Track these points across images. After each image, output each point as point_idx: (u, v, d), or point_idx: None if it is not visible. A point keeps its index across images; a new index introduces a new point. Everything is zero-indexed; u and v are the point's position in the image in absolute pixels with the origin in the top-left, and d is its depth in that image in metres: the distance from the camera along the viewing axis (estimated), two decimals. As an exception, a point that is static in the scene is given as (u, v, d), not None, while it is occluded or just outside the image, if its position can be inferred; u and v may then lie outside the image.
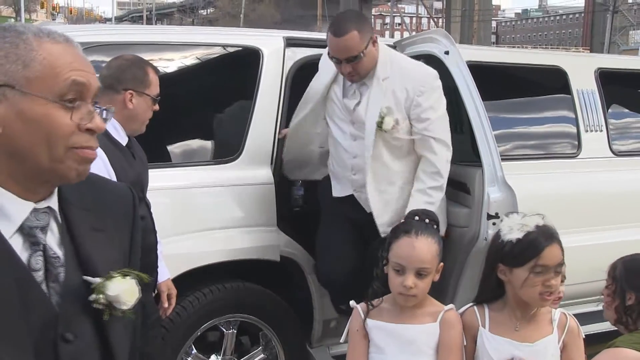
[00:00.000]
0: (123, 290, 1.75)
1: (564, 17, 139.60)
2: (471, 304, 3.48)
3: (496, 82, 6.00)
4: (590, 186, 5.94)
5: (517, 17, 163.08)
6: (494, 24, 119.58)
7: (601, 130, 6.18)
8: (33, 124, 1.62)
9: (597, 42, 62.47)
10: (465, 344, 3.36)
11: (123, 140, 3.91)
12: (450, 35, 5.24)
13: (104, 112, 1.76)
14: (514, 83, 6.25)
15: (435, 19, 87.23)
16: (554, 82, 6.24)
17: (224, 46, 5.26)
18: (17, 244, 1.64)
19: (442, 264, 3.40)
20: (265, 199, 5.02)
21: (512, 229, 3.32)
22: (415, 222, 3.38)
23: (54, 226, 1.73)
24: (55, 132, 1.64)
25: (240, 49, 5.24)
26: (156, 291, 4.17)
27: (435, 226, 3.41)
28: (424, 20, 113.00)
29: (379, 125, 4.63)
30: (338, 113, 4.94)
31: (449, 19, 73.14)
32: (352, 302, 3.50)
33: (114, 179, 3.68)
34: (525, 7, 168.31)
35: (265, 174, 5.02)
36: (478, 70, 5.22)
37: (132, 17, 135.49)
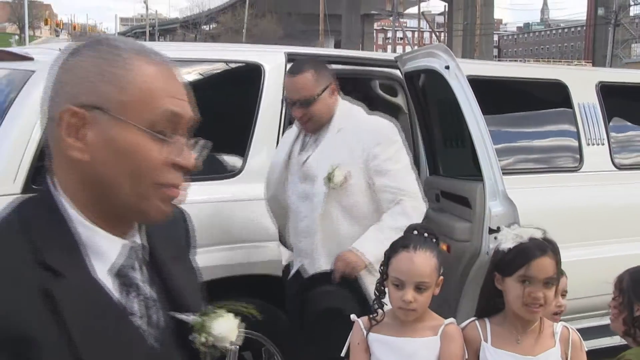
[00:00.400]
0: (227, 328, 1.62)
1: (566, 30, 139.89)
2: (473, 318, 3.48)
3: (497, 96, 6.01)
4: (593, 200, 5.94)
5: (519, 30, 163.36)
6: (495, 37, 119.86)
7: (603, 144, 6.18)
8: (121, 153, 1.46)
9: (599, 55, 62.65)
10: (466, 357, 3.36)
11: None
12: (452, 50, 5.26)
13: (198, 146, 1.58)
14: (515, 97, 6.26)
15: (437, 33, 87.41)
16: (555, 96, 6.25)
17: (226, 62, 5.27)
18: (109, 285, 1.48)
19: (442, 277, 3.39)
20: (268, 214, 5.02)
21: (507, 239, 3.34)
22: (414, 236, 3.38)
23: (138, 263, 1.57)
24: (143, 165, 1.47)
25: (242, 64, 5.26)
26: None
27: (434, 240, 3.41)
28: (426, 35, 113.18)
29: (328, 179, 4.20)
30: (293, 169, 4.60)
31: (451, 33, 73.46)
32: (353, 316, 3.50)
33: None
34: (526, 21, 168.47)
35: (267, 189, 5.03)
36: (479, 84, 5.23)
37: (135, 33, 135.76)
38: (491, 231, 4.73)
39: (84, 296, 1.41)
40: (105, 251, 1.49)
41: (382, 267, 3.41)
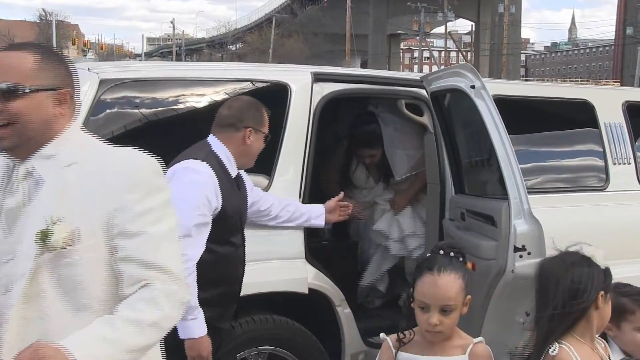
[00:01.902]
0: None
1: (594, 49, 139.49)
2: (556, 344, 3.32)
3: (523, 115, 6.01)
4: (619, 219, 5.92)
5: (547, 50, 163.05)
6: (523, 57, 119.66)
7: (629, 163, 6.16)
8: None
9: (627, 75, 62.30)
10: None
11: (233, 172, 4.35)
12: (479, 69, 5.26)
13: None
14: (541, 117, 6.26)
15: (464, 53, 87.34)
16: (581, 115, 6.25)
17: (253, 81, 5.32)
18: None
19: (469, 297, 3.39)
20: (294, 232, 5.06)
21: (603, 257, 3.38)
22: (440, 257, 3.36)
23: None
24: None
25: (269, 84, 5.31)
26: None
27: (461, 259, 3.39)
28: (453, 54, 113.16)
29: (42, 237, 2.54)
30: None
31: (478, 53, 73.33)
32: (382, 335, 3.52)
33: (220, 202, 4.12)
34: (554, 40, 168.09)
35: (293, 207, 5.02)
36: (505, 104, 5.24)
37: (162, 53, 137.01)
38: (516, 249, 4.73)
39: None
40: None
41: (410, 290, 3.41)
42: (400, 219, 6.77)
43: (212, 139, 4.37)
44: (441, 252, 3.38)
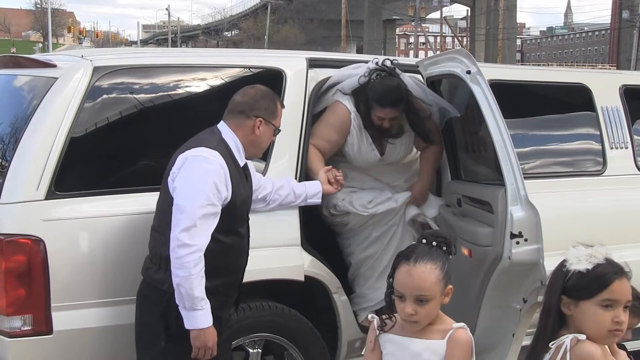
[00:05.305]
0: None
1: (590, 34, 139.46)
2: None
3: (520, 100, 5.98)
4: (616, 203, 5.90)
5: (542, 34, 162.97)
6: (518, 42, 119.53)
7: (626, 147, 6.14)
8: None
9: (623, 59, 62.30)
10: None
11: (241, 161, 4.33)
12: (475, 54, 5.22)
13: None
14: (537, 101, 6.23)
15: (460, 38, 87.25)
16: (578, 99, 6.22)
17: (248, 68, 5.29)
18: None
19: (450, 286, 3.35)
20: (289, 219, 5.04)
21: (580, 260, 3.10)
22: (420, 246, 3.32)
23: None
24: None
25: (264, 70, 5.27)
26: None
27: (444, 248, 3.34)
28: (449, 39, 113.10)
29: None
30: None
31: (474, 38, 73.22)
32: (369, 315, 3.53)
33: (230, 192, 4.11)
34: (550, 25, 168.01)
35: (289, 193, 4.98)
36: (501, 88, 5.21)
37: (158, 40, 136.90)
38: (513, 236, 4.71)
39: None
40: None
41: (390, 279, 3.40)
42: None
43: (222, 126, 4.34)
44: (424, 241, 3.36)
